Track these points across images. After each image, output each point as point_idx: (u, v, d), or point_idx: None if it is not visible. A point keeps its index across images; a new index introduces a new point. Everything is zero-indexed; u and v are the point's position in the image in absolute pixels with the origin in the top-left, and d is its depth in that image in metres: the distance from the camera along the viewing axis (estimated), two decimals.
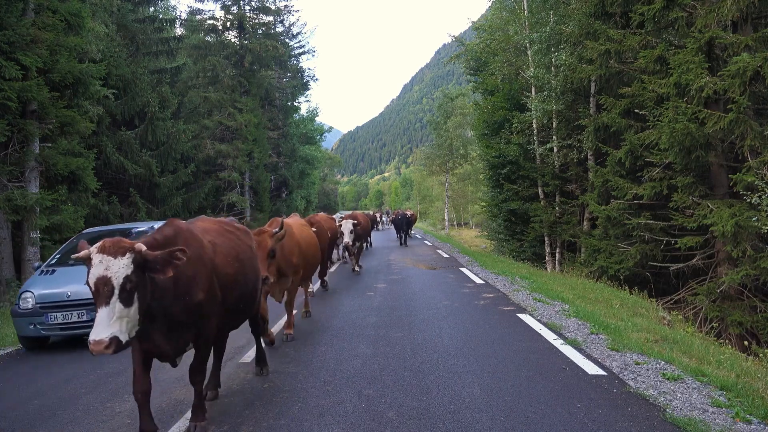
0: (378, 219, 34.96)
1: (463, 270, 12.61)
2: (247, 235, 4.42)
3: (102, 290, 2.65)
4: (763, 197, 8.04)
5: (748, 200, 8.36)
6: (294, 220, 7.16)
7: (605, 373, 4.63)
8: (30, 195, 9.62)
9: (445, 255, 16.99)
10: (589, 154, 14.92)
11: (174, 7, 30.66)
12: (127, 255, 2.72)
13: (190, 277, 3.18)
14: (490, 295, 8.88)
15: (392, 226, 29.02)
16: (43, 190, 10.16)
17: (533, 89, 17.21)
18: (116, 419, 3.99)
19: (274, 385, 4.54)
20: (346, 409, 3.94)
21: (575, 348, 5.44)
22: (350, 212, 14.04)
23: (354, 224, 10.81)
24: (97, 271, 2.68)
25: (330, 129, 50.31)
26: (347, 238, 10.69)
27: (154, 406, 4.18)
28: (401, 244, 21.07)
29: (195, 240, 3.36)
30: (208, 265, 3.37)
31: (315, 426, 3.67)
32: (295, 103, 34.37)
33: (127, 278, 2.69)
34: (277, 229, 5.19)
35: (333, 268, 12.60)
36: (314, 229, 8.13)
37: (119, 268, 2.68)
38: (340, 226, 10.91)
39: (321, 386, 4.47)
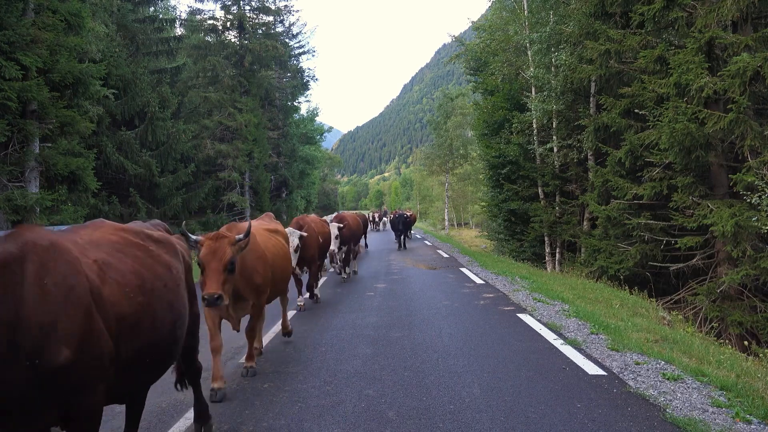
0: (376, 219, 34.36)
1: (463, 270, 12.61)
2: (171, 249, 2.95)
3: None
4: (763, 197, 8.04)
5: (748, 200, 8.36)
6: (258, 224, 5.49)
7: (605, 373, 4.63)
8: (30, 195, 9.61)
9: (445, 255, 16.99)
10: (589, 154, 14.93)
11: (174, 7, 30.67)
12: None
13: (43, 327, 1.86)
14: (490, 295, 8.88)
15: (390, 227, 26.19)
16: (43, 190, 10.15)
17: (533, 89, 17.21)
18: (116, 419, 3.99)
19: (274, 385, 4.54)
20: (346, 409, 3.94)
21: (575, 348, 5.44)
22: (338, 213, 12.52)
23: (339, 228, 9.60)
24: None
25: (330, 129, 50.28)
26: (332, 245, 9.40)
27: (154, 406, 4.18)
28: (399, 247, 19.38)
29: (60, 262, 2.04)
30: (83, 302, 2.04)
31: (315, 426, 3.67)
32: (295, 103, 34.37)
33: None
34: (240, 236, 4.05)
35: (323, 280, 10.82)
36: (304, 233, 7.29)
37: None
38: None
39: (321, 386, 4.47)
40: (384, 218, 38.63)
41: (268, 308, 7.39)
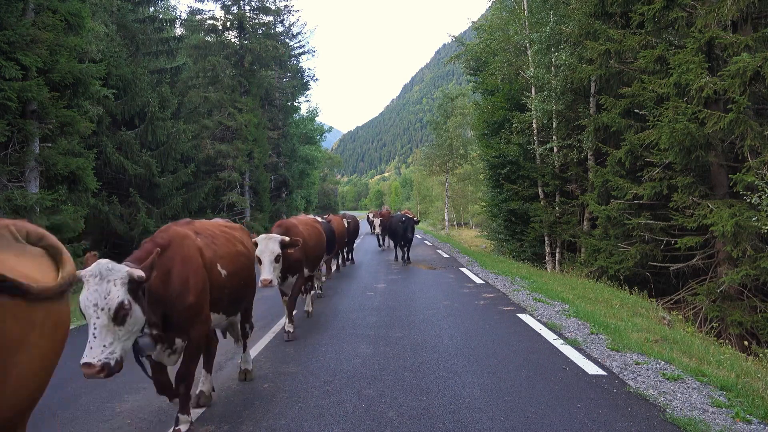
0: (372, 221, 30.26)
1: (463, 270, 12.61)
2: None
3: None
4: (763, 197, 8.04)
5: (748, 200, 8.36)
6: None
7: (605, 373, 4.64)
8: (30, 195, 9.62)
9: (445, 255, 16.99)
10: (589, 154, 14.92)
11: (174, 7, 30.64)
12: None
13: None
14: (490, 295, 8.88)
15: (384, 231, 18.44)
16: (43, 190, 10.15)
17: (533, 89, 17.21)
18: (116, 419, 3.99)
19: (274, 385, 4.54)
20: (346, 409, 3.94)
21: (575, 348, 5.44)
22: (282, 221, 6.42)
23: (282, 244, 5.38)
24: None
25: (330, 129, 50.24)
26: (266, 274, 5.20)
27: (154, 406, 4.19)
28: (398, 258, 14.85)
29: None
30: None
31: (315, 426, 3.67)
32: (295, 103, 34.34)
33: None
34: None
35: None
36: (139, 272, 2.89)
37: None
38: (256, 245, 5.26)
39: (321, 386, 4.47)
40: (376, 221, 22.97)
41: (264, 311, 7.32)
